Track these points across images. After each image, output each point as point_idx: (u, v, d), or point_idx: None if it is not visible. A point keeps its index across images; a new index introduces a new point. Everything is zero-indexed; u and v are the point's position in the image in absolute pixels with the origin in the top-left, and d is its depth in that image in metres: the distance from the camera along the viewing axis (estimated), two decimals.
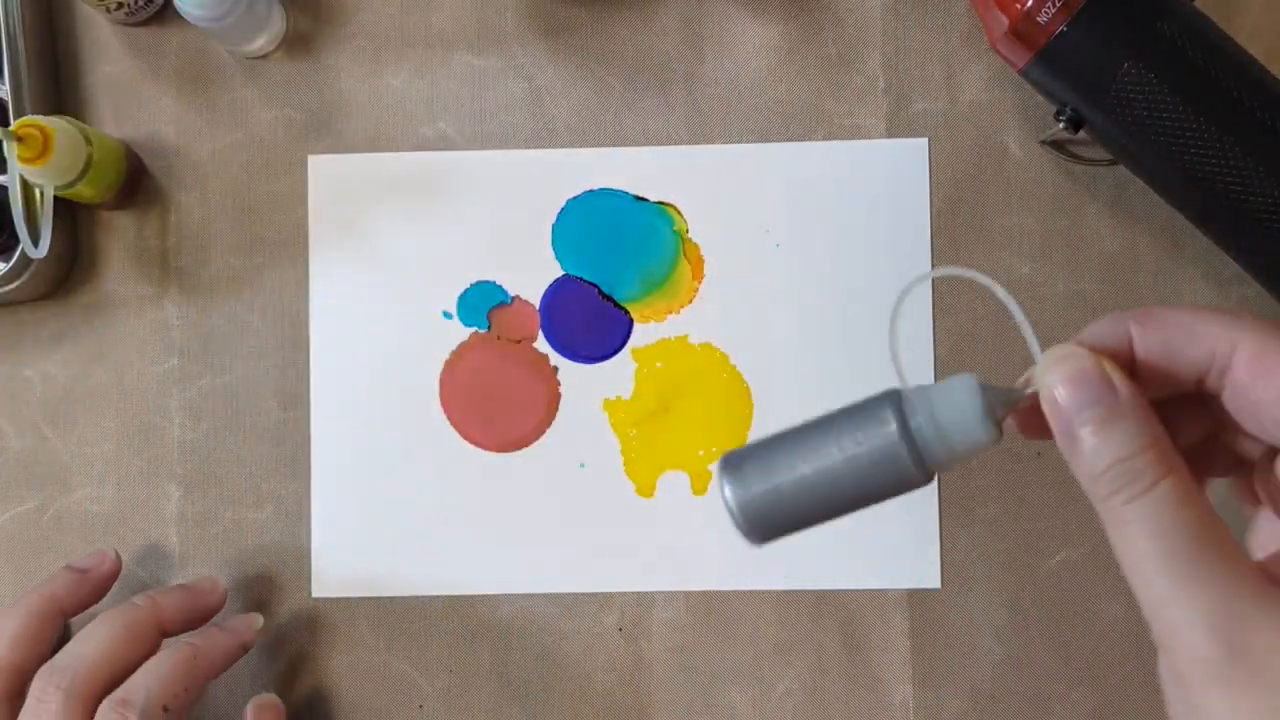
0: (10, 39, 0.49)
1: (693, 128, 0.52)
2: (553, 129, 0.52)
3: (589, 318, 0.52)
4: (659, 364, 0.51)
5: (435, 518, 0.51)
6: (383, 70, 0.52)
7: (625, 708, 0.51)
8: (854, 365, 0.51)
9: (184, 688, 0.43)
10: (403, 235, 0.52)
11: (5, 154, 0.46)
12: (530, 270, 0.52)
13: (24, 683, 0.43)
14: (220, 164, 0.52)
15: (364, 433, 0.52)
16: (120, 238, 0.52)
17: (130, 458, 0.52)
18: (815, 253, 0.51)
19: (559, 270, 0.52)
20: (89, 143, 0.47)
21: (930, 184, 0.51)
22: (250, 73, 0.52)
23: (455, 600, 0.51)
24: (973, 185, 0.51)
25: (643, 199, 0.52)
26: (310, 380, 0.52)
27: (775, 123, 0.52)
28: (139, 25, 0.52)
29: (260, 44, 0.51)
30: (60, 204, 0.47)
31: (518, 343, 0.52)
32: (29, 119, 0.45)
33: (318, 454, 0.52)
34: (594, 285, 0.52)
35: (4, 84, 0.50)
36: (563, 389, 0.51)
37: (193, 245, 0.52)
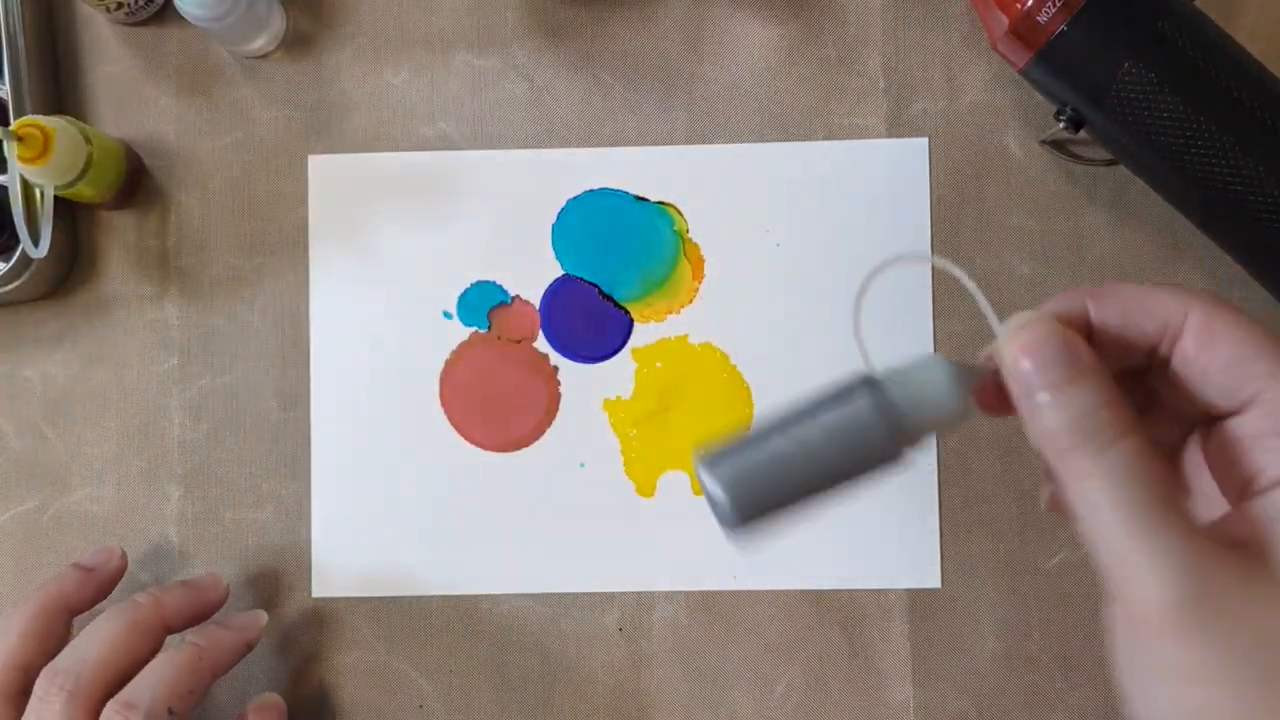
0: (10, 39, 0.49)
1: (693, 128, 0.52)
2: (553, 129, 0.52)
3: (589, 318, 0.52)
4: (659, 364, 0.51)
5: (435, 518, 0.51)
6: (383, 70, 0.52)
7: (625, 708, 0.51)
8: (854, 365, 0.51)
9: (189, 689, 0.43)
10: (403, 235, 0.52)
11: (5, 154, 0.46)
12: (530, 270, 0.52)
13: (30, 680, 0.43)
14: (220, 164, 0.52)
15: (364, 433, 0.52)
16: (120, 238, 0.52)
17: (130, 458, 0.52)
18: (815, 253, 0.51)
19: (559, 270, 0.52)
20: (89, 143, 0.47)
21: (930, 184, 0.51)
22: (250, 73, 0.52)
23: (455, 600, 0.51)
24: (973, 185, 0.51)
25: (643, 199, 0.52)
26: (310, 380, 0.52)
27: (775, 123, 0.52)
28: (139, 25, 0.52)
29: (260, 44, 0.51)
30: (60, 204, 0.47)
31: (518, 343, 0.52)
32: (29, 119, 0.45)
33: (318, 454, 0.52)
34: (594, 285, 0.52)
35: (4, 84, 0.50)
36: (563, 389, 0.51)
37: (193, 245, 0.52)
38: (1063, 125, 0.47)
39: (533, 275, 0.52)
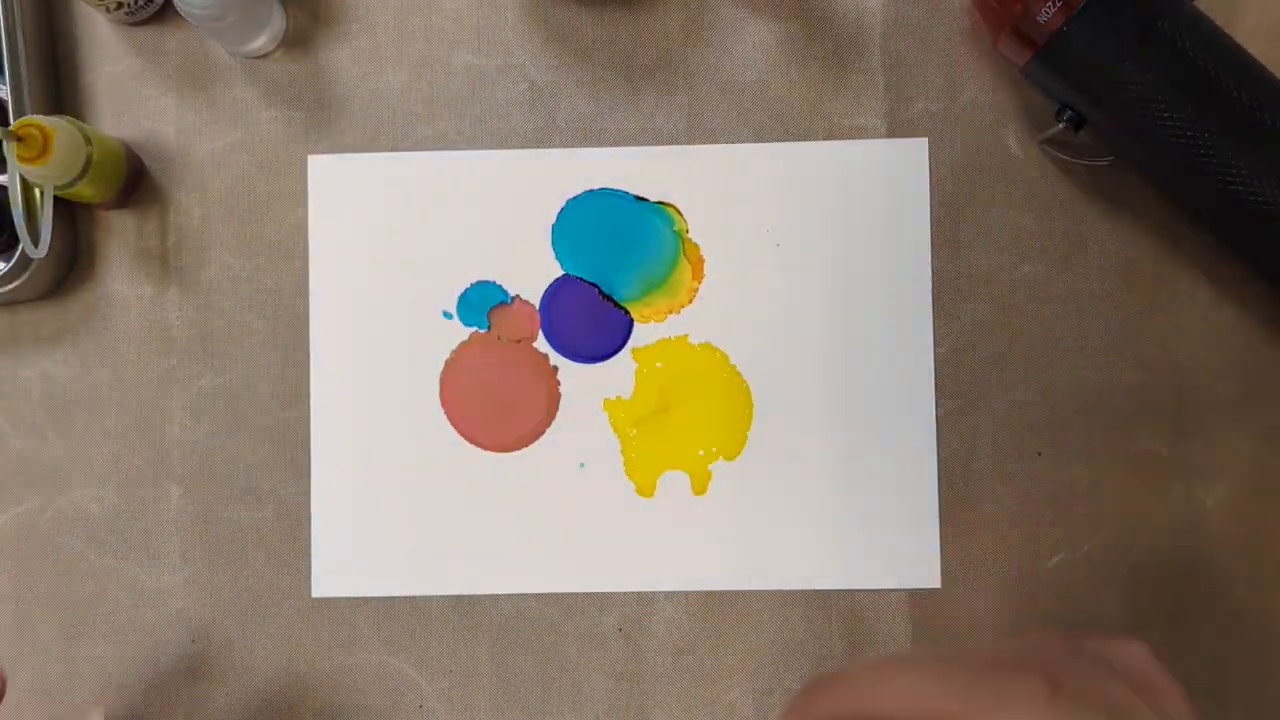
0: (10, 39, 0.49)
1: (693, 128, 0.52)
2: (553, 129, 0.52)
3: (589, 318, 0.52)
4: (659, 364, 0.51)
5: (435, 518, 0.51)
6: (383, 70, 0.52)
7: (625, 708, 0.51)
8: (853, 365, 0.51)
9: None
10: (402, 235, 0.52)
11: (5, 154, 0.46)
12: (530, 270, 0.52)
13: None
14: (220, 164, 0.52)
15: (364, 433, 0.52)
16: (120, 238, 0.52)
17: (130, 458, 0.52)
18: (815, 253, 0.51)
19: (559, 270, 0.52)
20: (89, 143, 0.47)
21: (930, 184, 0.51)
22: (250, 73, 0.52)
23: (455, 600, 0.51)
24: (973, 185, 0.51)
25: (643, 199, 0.52)
26: (310, 380, 0.52)
27: (775, 122, 0.52)
28: (139, 25, 0.52)
29: (260, 44, 0.51)
30: (60, 204, 0.47)
31: (518, 343, 0.52)
32: (29, 119, 0.45)
33: (318, 454, 0.52)
34: (594, 285, 0.52)
35: (4, 84, 0.50)
36: (563, 389, 0.51)
37: (193, 245, 0.52)
38: (1063, 125, 0.47)
39: (533, 275, 0.52)
